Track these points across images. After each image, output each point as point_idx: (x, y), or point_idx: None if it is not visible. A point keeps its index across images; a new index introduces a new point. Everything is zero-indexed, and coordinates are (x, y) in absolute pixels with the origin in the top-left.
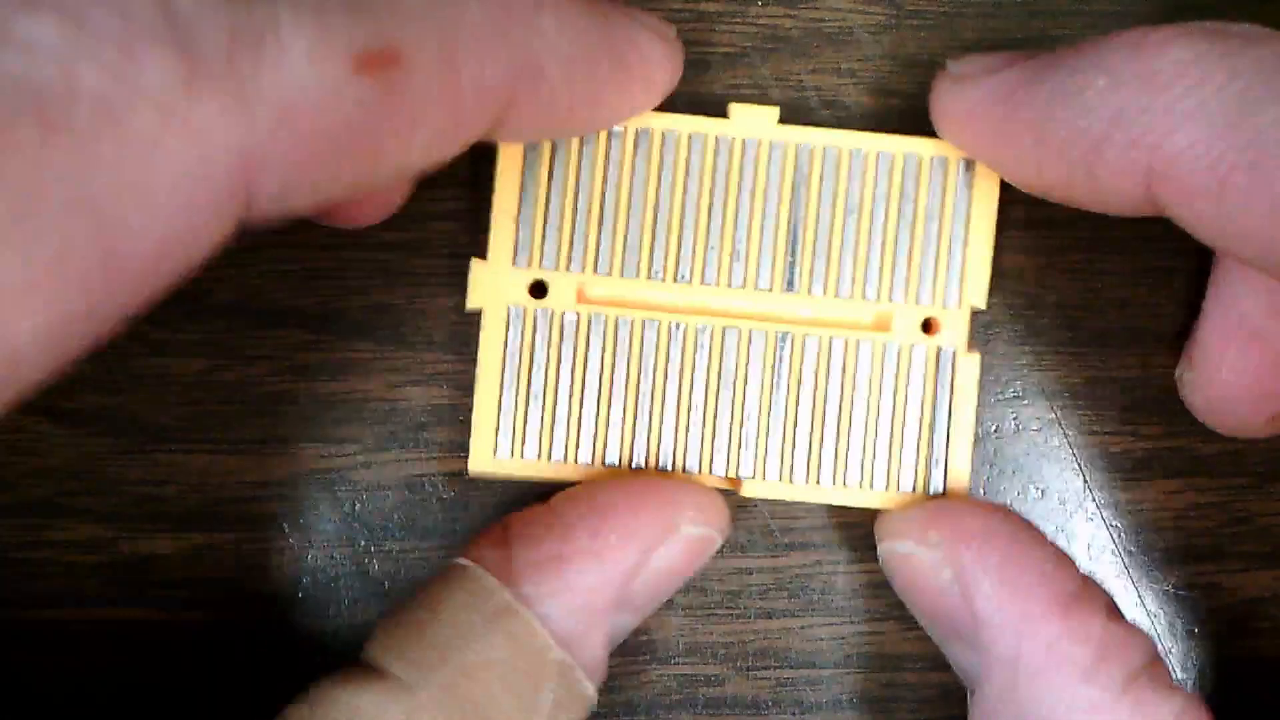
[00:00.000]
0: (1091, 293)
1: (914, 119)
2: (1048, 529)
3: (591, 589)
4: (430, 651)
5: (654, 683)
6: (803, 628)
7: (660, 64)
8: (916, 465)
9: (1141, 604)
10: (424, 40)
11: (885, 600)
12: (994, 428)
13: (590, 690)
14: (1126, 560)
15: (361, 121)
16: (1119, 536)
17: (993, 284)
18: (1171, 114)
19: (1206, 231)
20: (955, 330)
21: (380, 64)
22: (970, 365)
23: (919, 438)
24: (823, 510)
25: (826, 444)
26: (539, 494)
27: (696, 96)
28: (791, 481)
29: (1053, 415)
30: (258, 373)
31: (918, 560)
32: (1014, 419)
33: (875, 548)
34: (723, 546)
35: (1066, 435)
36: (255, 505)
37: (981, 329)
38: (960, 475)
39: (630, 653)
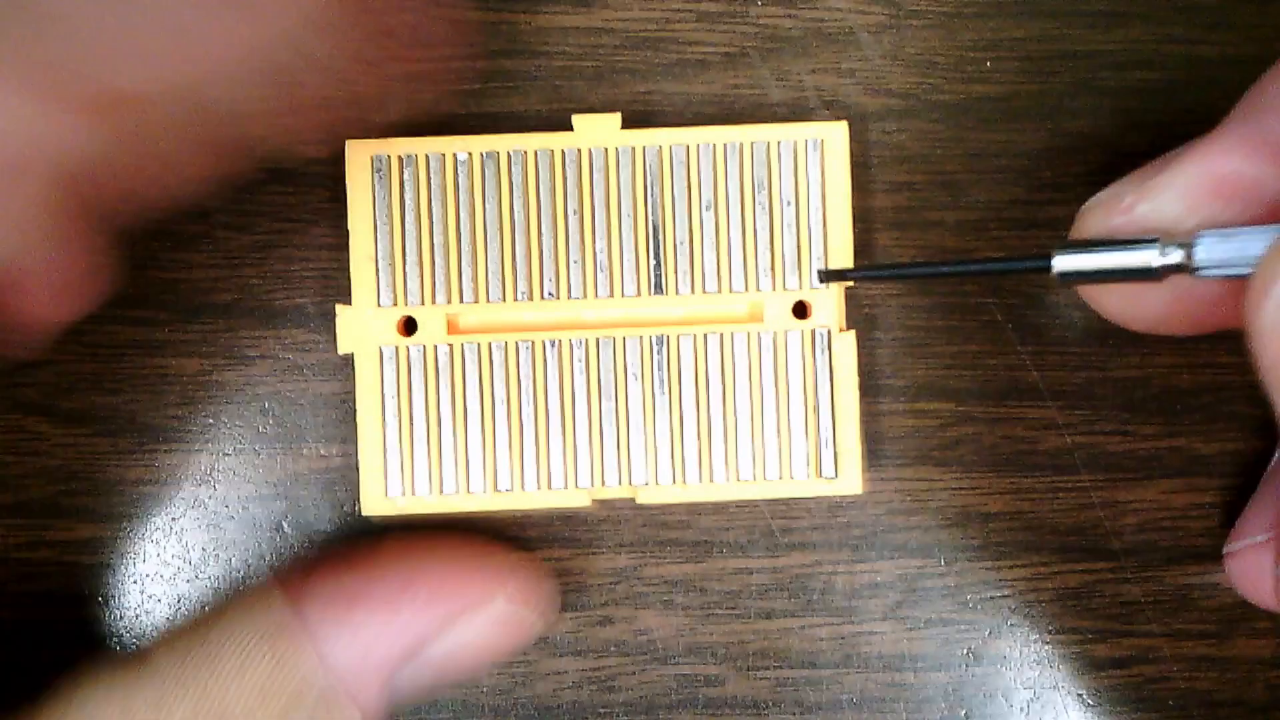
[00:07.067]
0: None
1: (913, 118)
2: (1048, 529)
3: (377, 634)
4: (198, 654)
5: (654, 683)
6: (803, 628)
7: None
8: (807, 450)
9: (1141, 603)
10: None
11: (885, 600)
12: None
13: None
14: (1126, 560)
15: None
16: (1119, 536)
17: (992, 285)
18: None
19: None
20: (828, 311)
21: None
22: (846, 343)
23: (806, 422)
24: (823, 510)
25: (715, 441)
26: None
27: (697, 96)
28: (685, 483)
29: (1053, 415)
30: (257, 372)
31: None
32: (1014, 419)
33: (874, 548)
34: (722, 547)
35: (1066, 435)
36: (255, 505)
37: (981, 328)
38: (850, 455)
39: (630, 653)
